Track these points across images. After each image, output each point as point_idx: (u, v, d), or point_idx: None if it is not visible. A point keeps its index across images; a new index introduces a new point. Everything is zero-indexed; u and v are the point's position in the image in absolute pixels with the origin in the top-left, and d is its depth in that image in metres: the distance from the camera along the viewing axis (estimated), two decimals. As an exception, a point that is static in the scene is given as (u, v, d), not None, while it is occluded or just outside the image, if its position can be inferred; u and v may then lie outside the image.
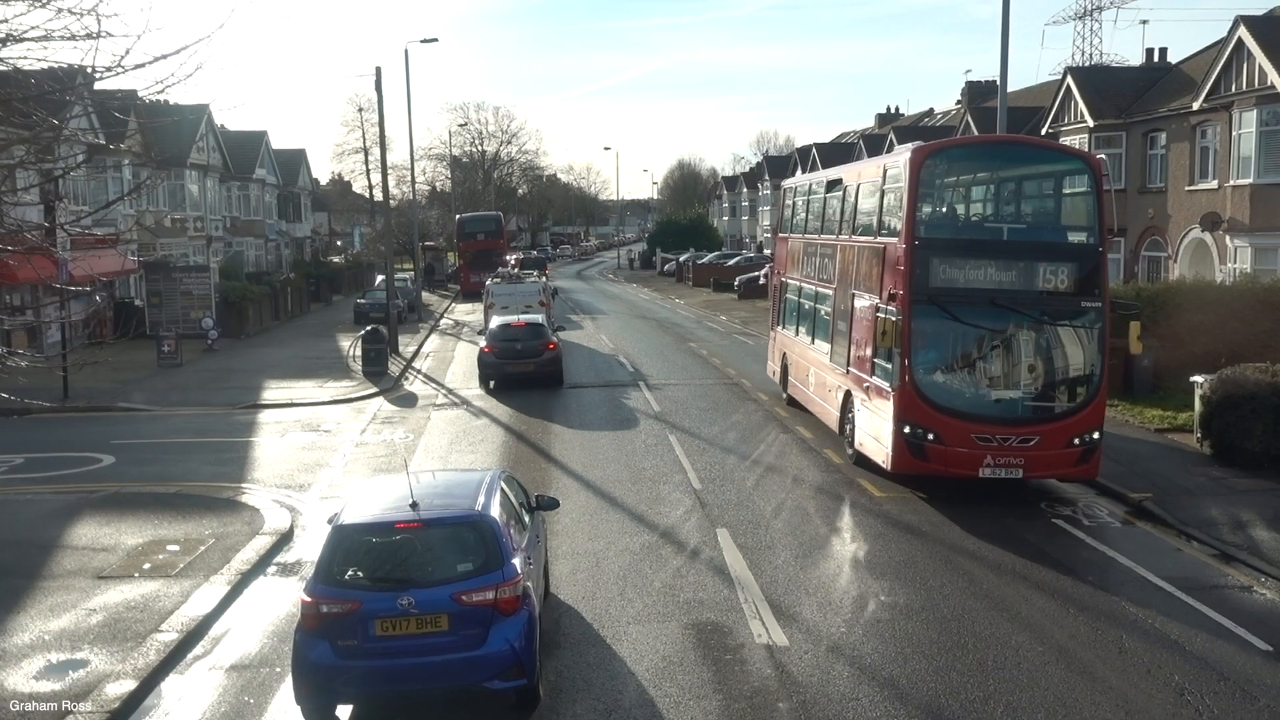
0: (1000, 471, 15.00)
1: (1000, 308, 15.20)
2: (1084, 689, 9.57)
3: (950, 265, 15.31)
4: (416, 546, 9.31)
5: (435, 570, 9.14)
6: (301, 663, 8.86)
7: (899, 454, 15.52)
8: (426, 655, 8.79)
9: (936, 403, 15.19)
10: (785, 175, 75.83)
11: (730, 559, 13.17)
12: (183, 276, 39.59)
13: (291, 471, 18.47)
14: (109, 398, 25.65)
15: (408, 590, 8.88)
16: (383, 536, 9.38)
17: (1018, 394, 15.40)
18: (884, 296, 15.86)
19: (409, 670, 8.79)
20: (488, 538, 9.26)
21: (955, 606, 11.59)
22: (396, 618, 8.78)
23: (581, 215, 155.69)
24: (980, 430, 15.05)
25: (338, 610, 8.79)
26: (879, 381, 16.11)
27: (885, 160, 17.56)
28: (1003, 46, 21.99)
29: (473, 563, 9.13)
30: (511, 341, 26.91)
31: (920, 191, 15.60)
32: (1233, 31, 27.52)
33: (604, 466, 18.25)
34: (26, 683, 9.88)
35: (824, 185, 21.47)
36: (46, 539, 14.35)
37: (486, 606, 8.88)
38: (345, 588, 8.96)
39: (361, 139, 77.75)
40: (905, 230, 15.37)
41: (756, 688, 9.66)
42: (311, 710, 9.03)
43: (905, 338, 15.12)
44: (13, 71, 9.52)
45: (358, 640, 8.77)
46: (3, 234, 10.61)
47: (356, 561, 9.18)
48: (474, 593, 8.89)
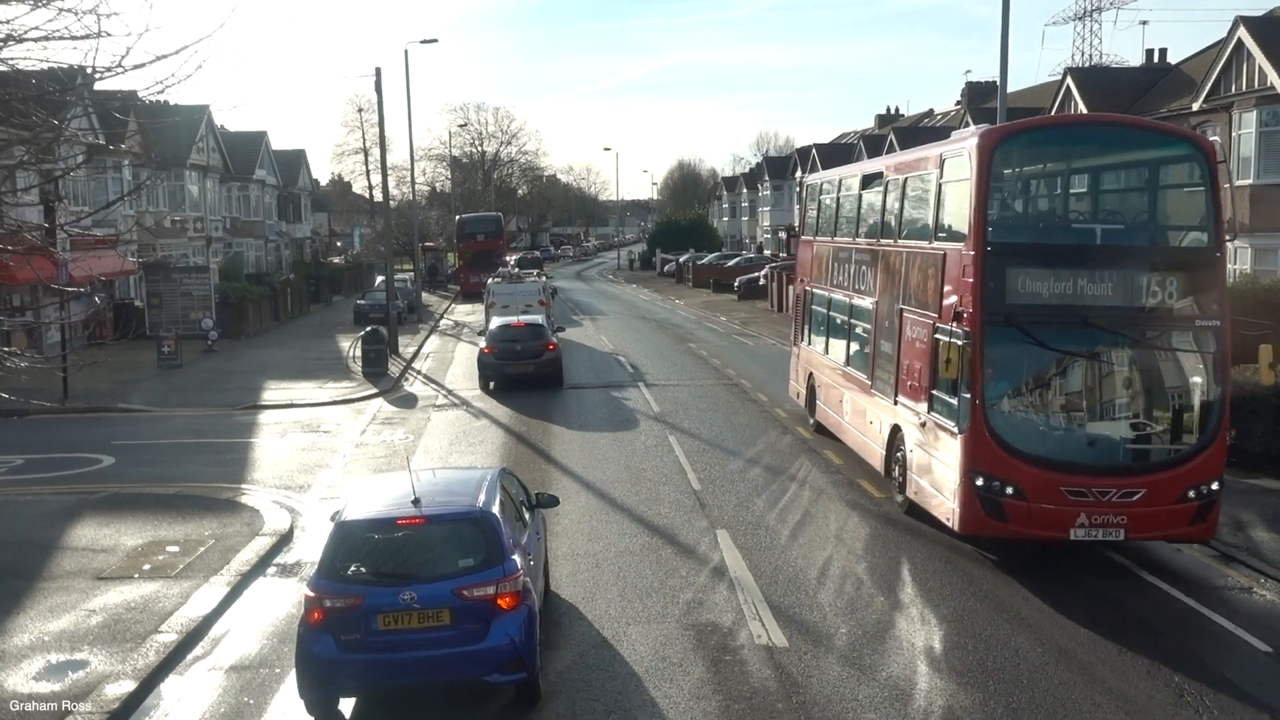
0: (1097, 533, 12.26)
1: (1094, 329, 12.37)
2: (1084, 689, 9.57)
3: (1031, 277, 12.50)
4: (418, 542, 9.43)
5: (437, 566, 9.25)
6: (305, 656, 8.96)
7: (969, 511, 12.64)
8: (428, 649, 8.91)
9: (1017, 448, 12.37)
10: (785, 176, 76.05)
11: (730, 560, 13.16)
12: (182, 277, 39.59)
13: (291, 472, 18.47)
14: (109, 399, 25.65)
15: (410, 585, 8.98)
16: (385, 532, 9.54)
17: (1118, 436, 12.64)
18: (945, 314, 13.20)
19: (411, 664, 8.91)
20: (488, 534, 9.38)
21: (954, 607, 11.59)
22: (399, 612, 8.90)
23: (581, 216, 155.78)
24: (1073, 482, 12.21)
25: (340, 605, 8.90)
26: (940, 419, 13.32)
27: (942, 148, 14.56)
28: (1002, 47, 21.99)
29: (474, 558, 9.25)
30: (511, 342, 26.88)
31: (992, 185, 12.85)
32: (1232, 32, 27.53)
33: (604, 467, 18.25)
34: (26, 683, 9.88)
35: (859, 180, 18.64)
36: (46, 540, 14.35)
37: (487, 601, 9.01)
38: (348, 583, 9.08)
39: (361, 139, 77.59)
40: (973, 234, 12.64)
41: (756, 688, 9.66)
42: (314, 703, 9.16)
43: (976, 367, 12.40)
44: (13, 72, 9.53)
45: (360, 634, 8.88)
46: (3, 234, 10.62)
47: (359, 557, 9.32)
48: (475, 588, 9.01)
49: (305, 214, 74.76)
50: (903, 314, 15.01)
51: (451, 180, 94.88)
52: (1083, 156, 14.99)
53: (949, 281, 13.27)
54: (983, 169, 12.69)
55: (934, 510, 13.75)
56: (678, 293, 63.76)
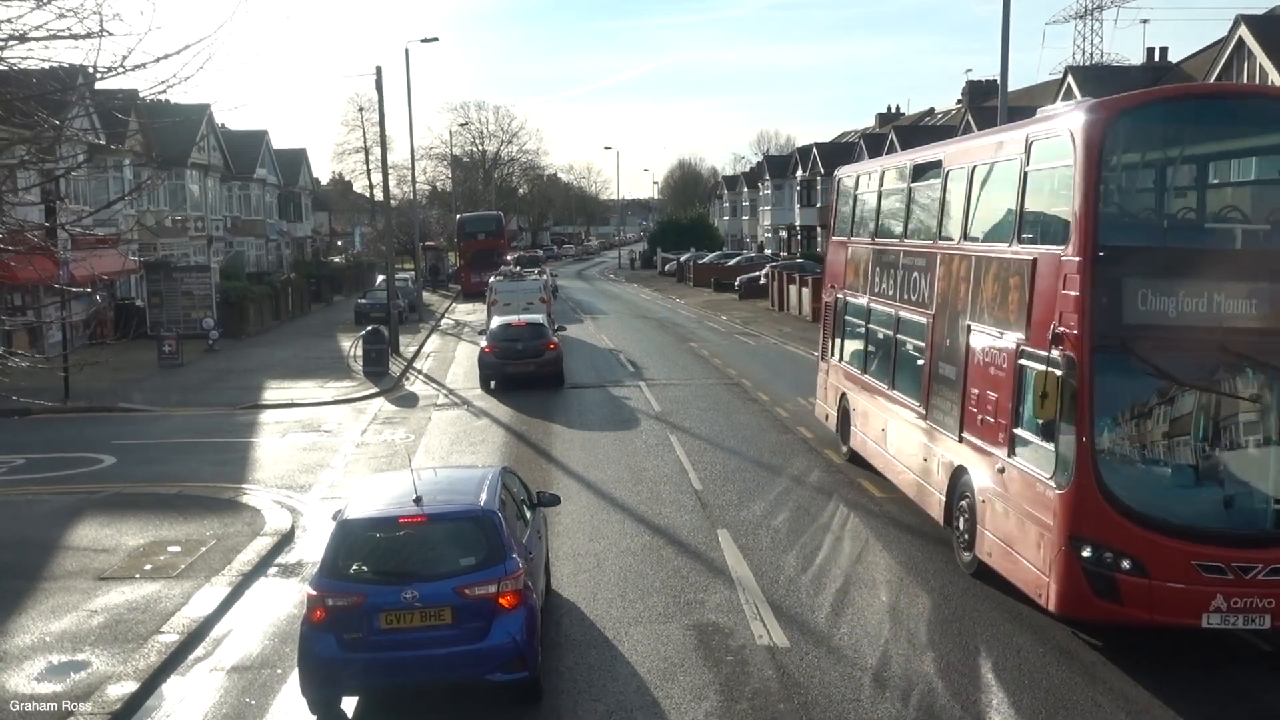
0: (1236, 620, 9.66)
1: (1236, 357, 9.91)
2: (1085, 689, 9.56)
3: (1155, 290, 9.97)
4: (420, 541, 9.43)
5: (439, 564, 9.24)
6: (307, 655, 8.96)
7: (1071, 588, 10.07)
8: (430, 648, 8.89)
9: (1137, 510, 9.82)
10: (786, 175, 76.08)
11: (731, 560, 13.16)
12: (183, 276, 39.63)
13: (292, 472, 18.47)
14: (110, 398, 25.65)
15: (412, 584, 8.97)
16: (387, 531, 9.55)
17: (1267, 496, 10.00)
18: (1035, 337, 10.76)
19: (413, 662, 8.90)
20: (490, 532, 9.37)
21: (956, 607, 11.58)
22: (401, 611, 8.89)
23: (582, 215, 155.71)
24: (1207, 554, 9.63)
25: (343, 603, 8.90)
26: (1029, 467, 10.83)
27: (1028, 128, 11.85)
28: (1003, 46, 22.01)
29: (475, 557, 9.23)
30: (512, 341, 26.83)
31: (1103, 173, 10.28)
32: (1233, 31, 27.53)
33: (605, 467, 18.25)
34: (28, 684, 9.88)
35: (909, 171, 15.95)
36: (48, 540, 14.35)
37: (489, 600, 8.99)
38: (350, 581, 9.08)
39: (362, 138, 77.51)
40: (1079, 235, 10.12)
41: (757, 689, 9.66)
42: (317, 702, 9.17)
43: (1083, 404, 9.88)
44: (14, 71, 9.53)
45: (362, 633, 8.88)
46: (4, 234, 10.62)
47: (361, 556, 9.32)
48: (477, 586, 8.99)
49: (306, 213, 74.80)
50: (970, 332, 12.54)
51: (452, 179, 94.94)
52: (1221, 137, 12.02)
53: (1041, 295, 10.75)
54: (1091, 153, 10.14)
55: (1018, 580, 11.08)
56: (679, 292, 63.75)
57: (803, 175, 70.07)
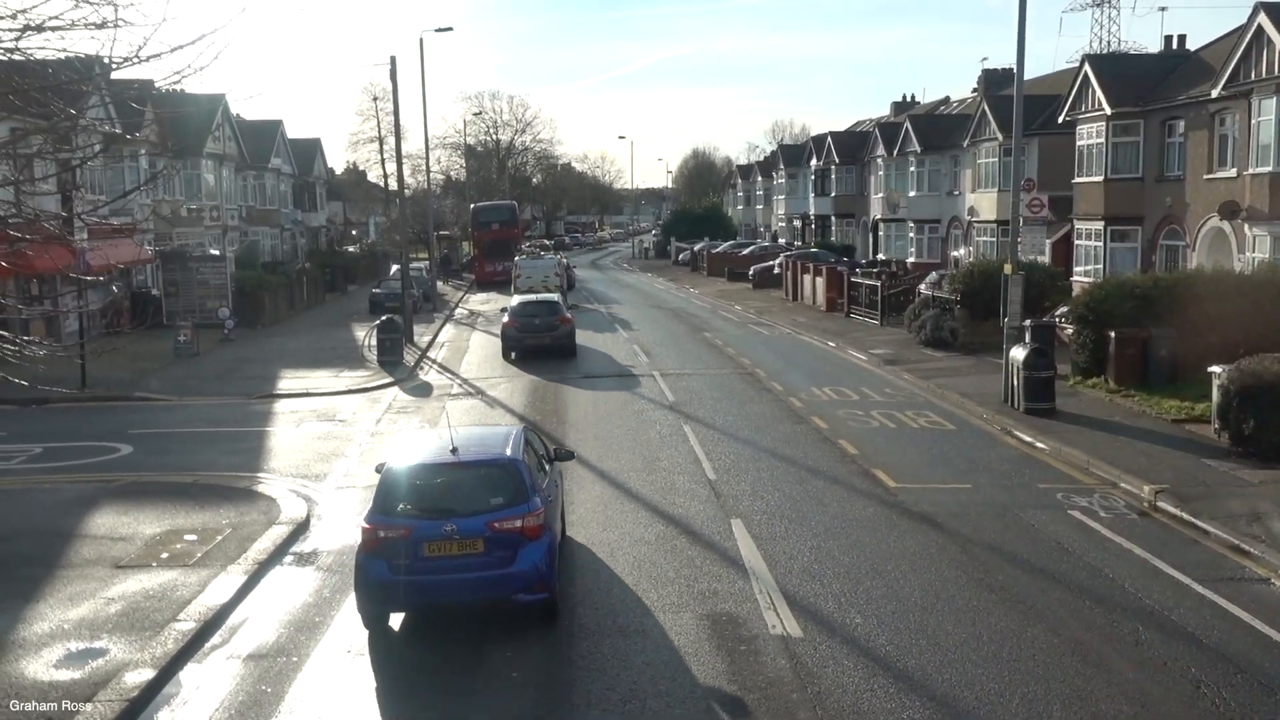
0: None
1: None
2: (1100, 681, 9.54)
3: None
4: (457, 484, 11.15)
5: (472, 503, 10.80)
6: (362, 579, 10.55)
7: None
8: (465, 572, 10.46)
9: None
10: (800, 164, 75.91)
11: (745, 550, 13.16)
12: (199, 266, 39.72)
13: (307, 461, 18.55)
14: (126, 387, 25.79)
15: (450, 519, 10.57)
16: (430, 476, 11.22)
17: None
18: None
19: (451, 585, 10.49)
20: (515, 477, 10.96)
21: (970, 598, 11.57)
22: (441, 541, 10.46)
23: (596, 204, 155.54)
24: None
25: (392, 535, 10.44)
26: None
27: None
28: (1019, 34, 21.84)
29: (503, 497, 10.80)
30: (530, 317, 30.22)
31: None
32: (1252, 18, 27.24)
33: (619, 456, 18.26)
34: (47, 671, 9.96)
35: None
36: (65, 528, 14.45)
37: (515, 533, 10.52)
38: (398, 517, 10.64)
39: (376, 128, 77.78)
40: None
41: (771, 679, 9.67)
42: (369, 619, 10.76)
43: None
44: (31, 62, 9.57)
45: (408, 560, 10.36)
46: (21, 223, 10.68)
47: (407, 496, 10.90)
48: (504, 521, 10.54)
49: (321, 203, 74.87)
50: None
51: (466, 169, 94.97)
52: None
53: None
54: None
55: None
56: (692, 281, 63.65)
57: (817, 164, 69.73)
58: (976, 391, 23.05)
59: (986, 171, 45.29)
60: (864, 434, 19.66)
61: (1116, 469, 16.41)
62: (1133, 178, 33.74)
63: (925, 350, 29.79)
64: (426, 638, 10.91)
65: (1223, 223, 29.32)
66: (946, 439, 19.33)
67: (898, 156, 56.07)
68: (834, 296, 41.47)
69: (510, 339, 30.09)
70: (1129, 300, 23.04)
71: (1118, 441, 18.15)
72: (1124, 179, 33.89)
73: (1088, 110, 34.96)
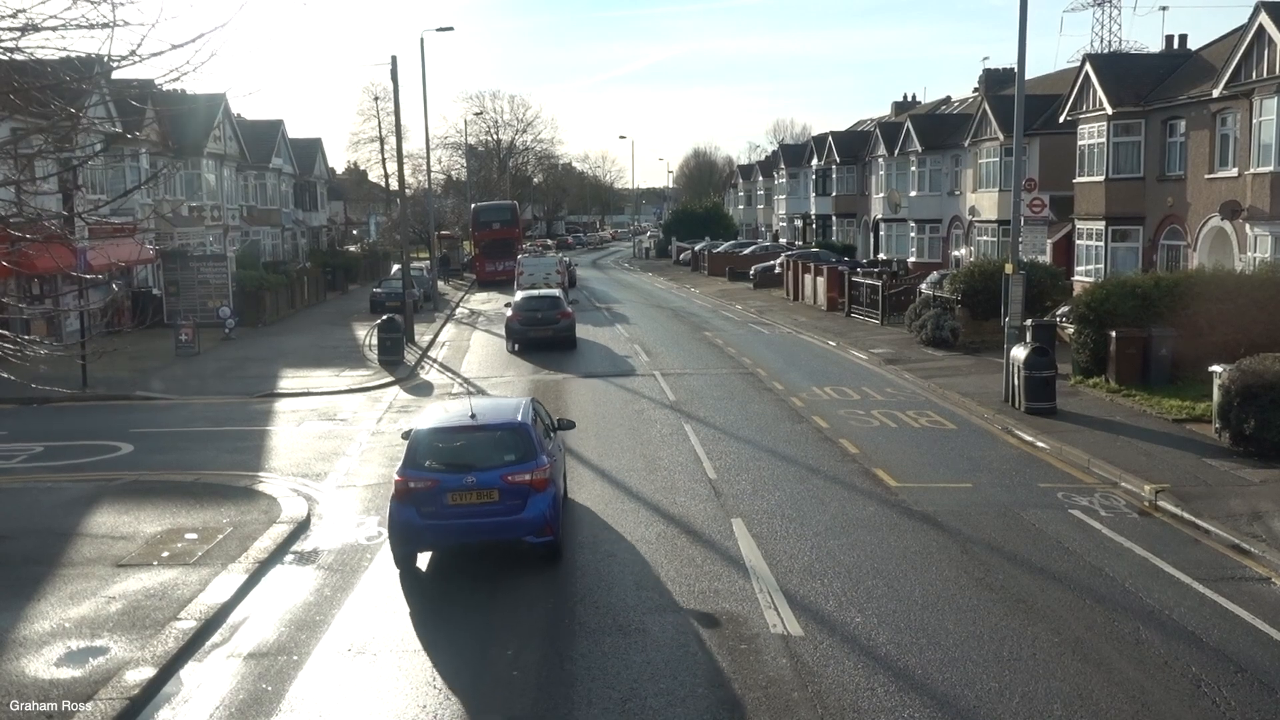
0: None
1: None
2: (1100, 680, 9.53)
3: None
4: (476, 443, 12.89)
5: (489, 460, 12.57)
6: (394, 523, 12.39)
7: None
8: (482, 518, 12.29)
9: None
10: (801, 164, 75.89)
11: (745, 549, 13.16)
12: (200, 265, 39.73)
13: (308, 460, 18.55)
14: (127, 386, 25.80)
15: (470, 473, 12.36)
16: (453, 437, 12.98)
17: None
18: None
19: (470, 528, 12.37)
20: (525, 438, 12.76)
21: (971, 597, 11.57)
22: (462, 491, 12.27)
23: (597, 204, 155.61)
24: None
25: (421, 486, 12.26)
26: None
27: None
28: (1020, 33, 21.83)
29: (515, 455, 12.58)
30: (533, 311, 32.05)
31: None
32: (1254, 18, 27.24)
33: (619, 456, 18.26)
34: (47, 669, 9.96)
35: None
36: (66, 527, 14.45)
37: (525, 485, 12.30)
38: (426, 471, 12.43)
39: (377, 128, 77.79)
40: None
41: (771, 677, 9.67)
42: (400, 558, 12.61)
43: None
44: (31, 61, 9.57)
45: (434, 507, 12.22)
46: (22, 223, 10.67)
47: (434, 454, 12.67)
48: (516, 475, 12.34)
49: (321, 202, 74.85)
50: None
51: (467, 168, 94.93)
52: None
53: None
54: None
55: None
56: (693, 281, 63.63)
57: (818, 164, 69.72)
58: (977, 391, 23.06)
59: (987, 171, 45.29)
60: (865, 433, 19.66)
61: (1117, 468, 16.42)
62: (1134, 177, 33.74)
63: (926, 350, 29.80)
64: (448, 574, 12.77)
65: (1224, 222, 29.32)
66: (947, 438, 19.33)
67: (899, 156, 56.06)
68: (835, 296, 41.47)
69: (514, 331, 31.85)
70: (1130, 300, 23.04)
71: (1118, 441, 18.15)
72: (1125, 179, 33.90)
73: (1089, 110, 34.95)
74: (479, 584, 12.30)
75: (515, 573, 12.56)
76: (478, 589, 12.14)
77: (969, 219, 48.06)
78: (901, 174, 56.20)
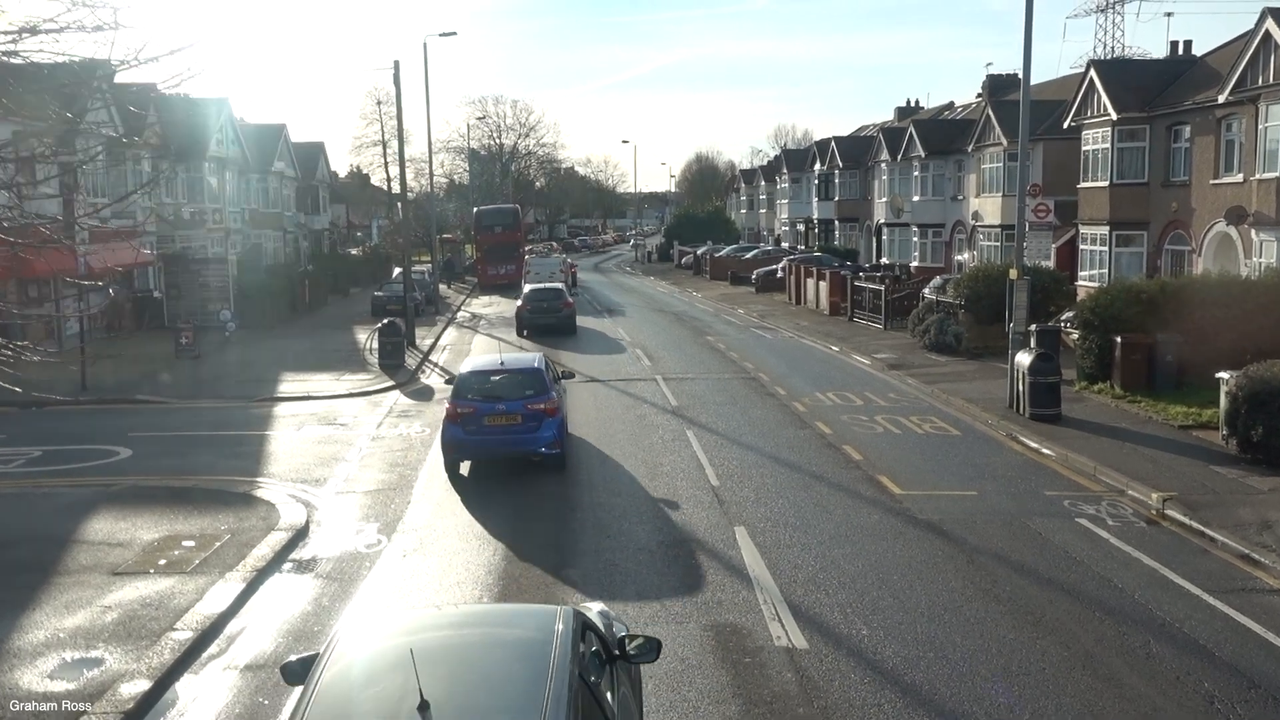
0: None
1: None
2: (1111, 696, 9.37)
3: None
4: (504, 382, 17.63)
5: (514, 393, 17.22)
6: (445, 438, 17.23)
7: None
8: (510, 434, 16.91)
9: None
10: (804, 168, 75.81)
11: (749, 558, 13.01)
12: (201, 268, 39.58)
13: (307, 465, 18.41)
14: (127, 390, 25.66)
15: (501, 402, 17.08)
16: (487, 377, 17.86)
17: None
18: None
19: (500, 442, 17.03)
20: (540, 378, 17.53)
21: (978, 608, 11.41)
22: (495, 415, 16.95)
23: (599, 208, 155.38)
24: None
25: (466, 411, 16.97)
26: None
27: None
28: (1026, 39, 21.69)
29: (533, 390, 17.21)
30: (540, 301, 37.78)
31: None
32: (1259, 24, 27.09)
33: (621, 462, 18.10)
34: (41, 681, 9.81)
35: None
36: (62, 533, 14.30)
37: (540, 411, 16.88)
38: (469, 400, 17.10)
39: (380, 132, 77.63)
40: None
41: (776, 692, 9.51)
42: (449, 465, 17.32)
43: None
44: (30, 65, 9.45)
45: (475, 427, 16.93)
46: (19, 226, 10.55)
47: (474, 389, 17.42)
48: (534, 404, 16.91)
49: (323, 206, 74.65)
50: None
51: (470, 172, 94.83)
52: None
53: None
54: None
55: None
56: (695, 285, 63.49)
57: (821, 169, 69.55)
58: (981, 397, 22.91)
59: (990, 176, 45.14)
60: (868, 440, 19.51)
61: (1124, 476, 16.26)
62: (1138, 183, 33.58)
63: (929, 355, 29.65)
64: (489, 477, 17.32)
65: (1229, 228, 29.15)
66: (951, 445, 19.18)
67: (901, 161, 55.90)
68: (837, 301, 41.31)
69: (523, 319, 37.67)
70: (1135, 305, 22.91)
71: (1124, 448, 18.00)
72: (1129, 184, 33.73)
73: (1093, 115, 34.81)
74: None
75: (516, 573, 12.38)
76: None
77: (972, 224, 47.90)
78: (904, 179, 56.04)
